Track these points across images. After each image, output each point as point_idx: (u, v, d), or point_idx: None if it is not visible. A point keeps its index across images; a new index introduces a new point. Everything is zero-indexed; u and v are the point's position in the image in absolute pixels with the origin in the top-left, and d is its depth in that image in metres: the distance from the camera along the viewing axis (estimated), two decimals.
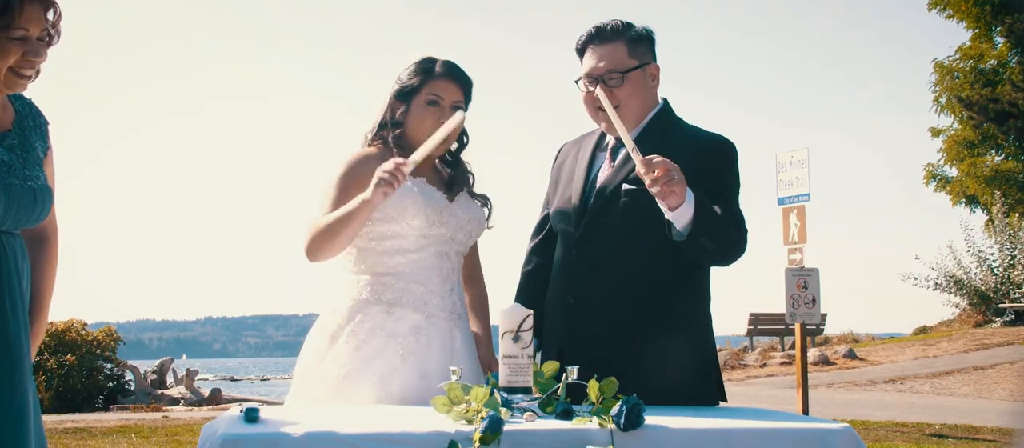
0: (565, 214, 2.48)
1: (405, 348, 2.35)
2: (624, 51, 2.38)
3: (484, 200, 2.57)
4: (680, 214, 2.15)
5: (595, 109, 2.40)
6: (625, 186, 2.35)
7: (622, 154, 2.39)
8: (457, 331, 2.43)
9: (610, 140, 2.48)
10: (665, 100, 2.50)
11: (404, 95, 2.45)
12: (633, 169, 2.28)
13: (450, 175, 2.53)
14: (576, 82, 2.44)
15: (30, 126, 2.13)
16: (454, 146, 2.55)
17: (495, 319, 2.17)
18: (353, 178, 2.36)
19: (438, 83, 2.43)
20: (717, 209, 2.21)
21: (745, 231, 2.31)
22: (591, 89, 2.39)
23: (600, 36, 2.40)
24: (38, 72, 2.02)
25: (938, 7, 21.65)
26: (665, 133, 2.40)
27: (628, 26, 2.40)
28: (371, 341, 2.35)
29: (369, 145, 2.48)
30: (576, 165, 2.52)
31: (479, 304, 2.61)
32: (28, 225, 2.08)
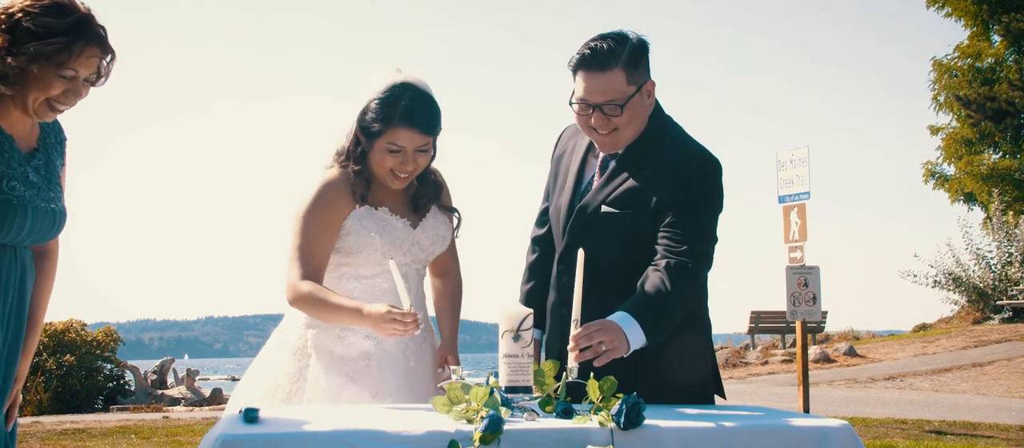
0: (556, 222, 2.47)
1: (355, 370, 2.39)
2: (622, 79, 2.26)
3: (452, 213, 2.53)
4: (636, 346, 2.12)
5: (589, 128, 2.34)
6: (604, 209, 2.33)
7: (611, 167, 2.37)
8: (411, 353, 2.44)
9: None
10: (656, 103, 2.41)
11: (365, 132, 2.36)
12: (614, 190, 2.32)
13: (417, 193, 2.49)
14: (570, 104, 2.34)
15: (52, 143, 2.16)
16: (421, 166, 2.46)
17: (495, 318, 2.16)
18: (322, 206, 2.37)
19: (399, 132, 2.32)
20: (660, 286, 2.17)
21: (709, 257, 2.28)
22: (586, 113, 2.30)
23: (597, 61, 2.25)
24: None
25: (936, 5, 21.65)
26: (652, 147, 2.34)
27: (623, 44, 2.26)
28: (323, 360, 2.39)
29: (340, 164, 2.43)
30: (570, 165, 2.48)
31: (451, 298, 2.58)
32: (40, 243, 2.13)
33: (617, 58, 2.25)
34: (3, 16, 1.93)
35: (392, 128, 2.32)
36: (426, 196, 2.49)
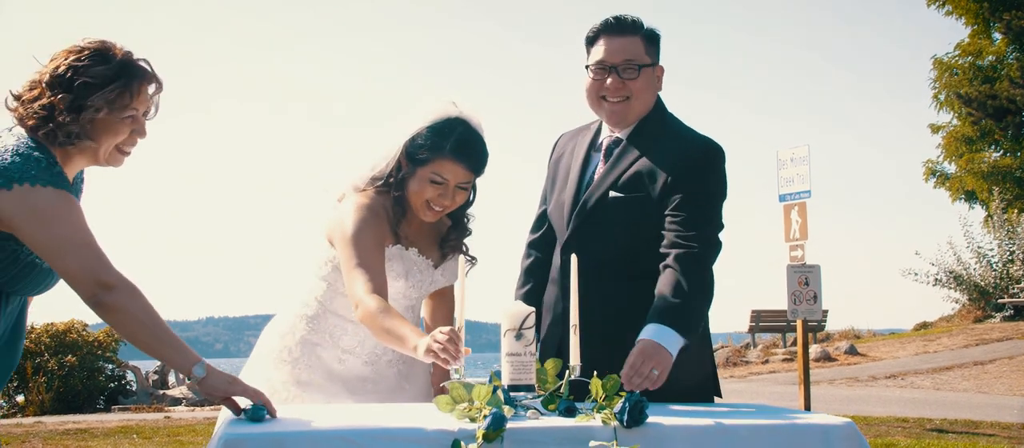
0: (559, 215, 2.48)
1: (350, 389, 2.41)
2: (641, 46, 2.38)
3: (467, 254, 2.50)
4: (676, 351, 2.16)
5: (598, 98, 2.40)
6: (611, 194, 2.36)
7: (615, 153, 2.40)
8: (408, 380, 2.47)
9: (604, 138, 2.47)
10: (657, 98, 2.48)
11: (410, 158, 2.33)
12: (621, 175, 2.35)
13: (446, 234, 2.48)
14: (586, 67, 2.41)
15: (79, 187, 2.16)
16: (460, 204, 2.42)
17: (497, 318, 2.16)
18: (371, 224, 2.30)
19: (446, 164, 2.30)
20: (677, 283, 2.21)
21: (716, 243, 2.32)
22: (601, 78, 2.38)
23: (620, 26, 2.38)
24: None
25: (937, 4, 21.64)
26: (656, 133, 2.40)
27: (643, 24, 2.40)
28: (321, 373, 2.41)
29: (374, 187, 2.38)
30: (572, 162, 2.51)
31: (447, 307, 2.56)
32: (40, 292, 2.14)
33: (639, 27, 2.39)
34: (54, 78, 1.94)
35: (440, 159, 2.30)
36: (455, 241, 2.48)
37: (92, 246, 1.90)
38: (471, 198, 2.46)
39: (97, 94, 1.94)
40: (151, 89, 2.03)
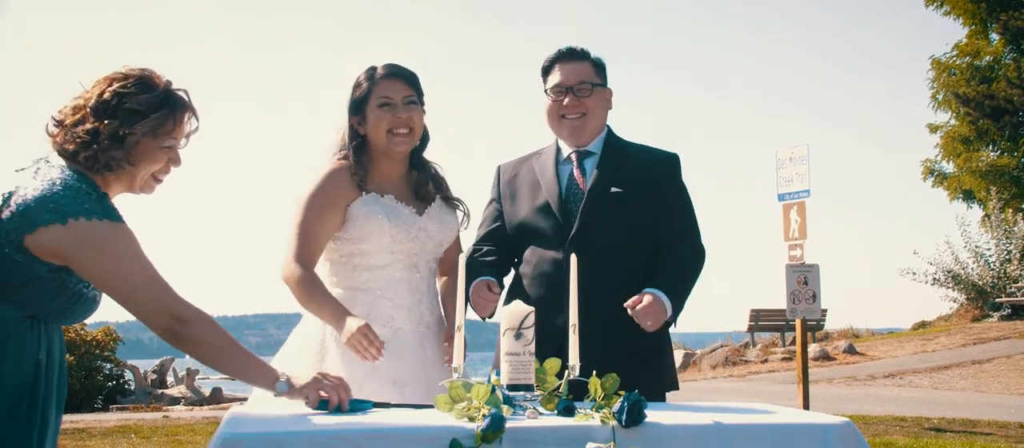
0: (548, 216, 2.65)
1: (373, 366, 2.39)
2: (591, 70, 2.74)
3: (458, 204, 2.64)
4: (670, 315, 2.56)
5: (558, 117, 2.72)
6: (613, 189, 2.64)
7: (599, 160, 2.71)
8: (426, 342, 2.52)
9: (571, 153, 2.73)
10: (608, 126, 2.80)
11: (357, 107, 2.52)
12: (615, 173, 2.67)
13: (417, 181, 2.60)
14: (545, 92, 2.74)
15: None
16: (416, 146, 2.59)
17: (497, 317, 2.17)
18: (324, 190, 2.46)
19: (383, 84, 2.50)
20: (678, 262, 2.64)
21: (699, 240, 2.72)
22: (560, 99, 2.70)
23: (572, 54, 2.75)
24: None
25: (935, 4, 21.66)
26: (622, 154, 2.73)
27: (590, 52, 2.76)
28: (342, 352, 2.41)
29: (342, 159, 2.53)
30: (539, 175, 2.72)
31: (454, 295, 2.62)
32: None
33: (586, 55, 2.76)
34: (100, 104, 1.95)
35: (378, 84, 2.51)
36: (427, 184, 2.59)
37: (159, 280, 1.92)
38: (426, 136, 2.61)
39: (142, 121, 1.96)
40: (190, 119, 2.06)
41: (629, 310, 2.46)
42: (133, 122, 1.95)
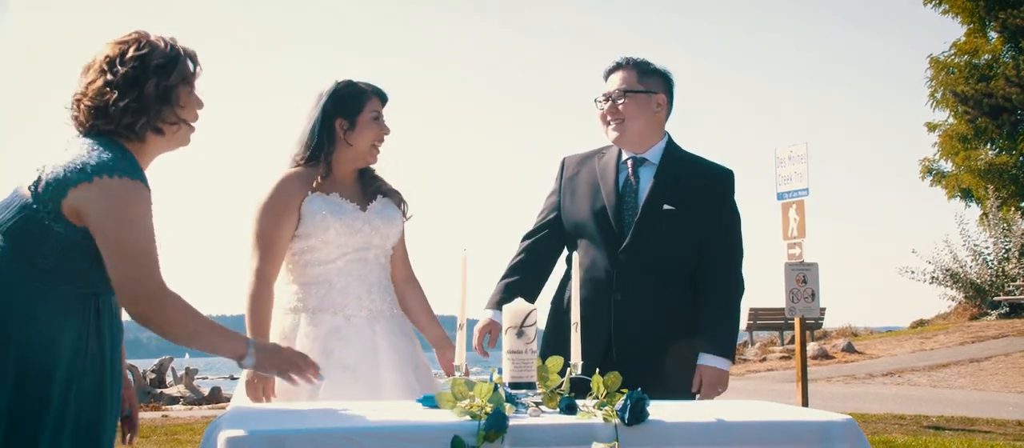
0: (601, 220, 2.78)
1: (326, 346, 2.57)
2: (635, 77, 2.85)
3: (396, 196, 2.78)
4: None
5: (604, 122, 2.86)
6: (666, 206, 2.77)
7: (654, 172, 2.82)
8: (378, 327, 2.65)
9: (628, 159, 2.86)
10: (669, 134, 2.90)
11: (348, 112, 2.65)
12: (670, 188, 2.79)
13: (362, 180, 2.75)
14: (595, 101, 2.90)
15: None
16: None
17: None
18: (277, 203, 2.59)
19: (375, 100, 2.69)
20: (721, 308, 2.78)
21: (739, 269, 2.83)
22: (602, 107, 2.86)
23: (616, 64, 2.89)
24: None
25: (933, 2, 21.67)
26: (678, 169, 2.83)
27: (645, 62, 2.88)
28: (300, 344, 2.58)
29: (297, 165, 2.66)
30: (599, 178, 2.86)
31: (423, 307, 2.83)
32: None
33: (631, 62, 2.88)
34: (130, 70, 1.95)
35: (370, 98, 2.68)
36: (371, 184, 2.75)
37: (152, 255, 1.92)
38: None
39: (176, 70, 2.00)
40: (195, 65, 2.09)
41: (698, 397, 2.68)
42: (169, 73, 1.98)
